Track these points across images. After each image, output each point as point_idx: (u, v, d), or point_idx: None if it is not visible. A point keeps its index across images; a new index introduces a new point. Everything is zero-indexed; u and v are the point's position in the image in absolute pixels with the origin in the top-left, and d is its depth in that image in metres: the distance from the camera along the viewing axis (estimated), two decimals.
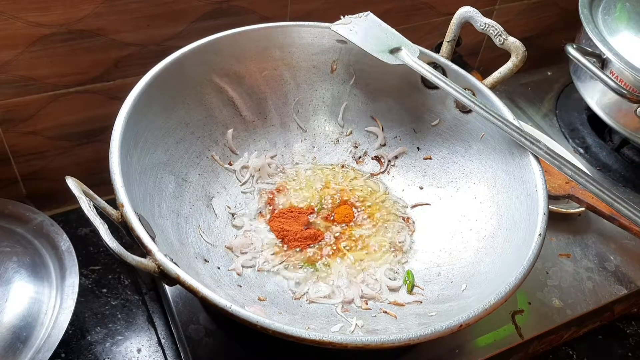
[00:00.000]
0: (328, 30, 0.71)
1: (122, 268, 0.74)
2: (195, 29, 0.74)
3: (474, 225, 0.66)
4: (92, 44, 0.69)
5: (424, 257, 0.66)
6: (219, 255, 0.63)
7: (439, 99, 0.71)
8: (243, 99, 0.72)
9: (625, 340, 0.77)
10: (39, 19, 0.64)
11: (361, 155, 0.76)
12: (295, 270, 0.64)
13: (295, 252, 0.65)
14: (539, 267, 0.74)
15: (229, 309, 0.44)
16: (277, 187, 0.72)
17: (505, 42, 0.66)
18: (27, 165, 0.76)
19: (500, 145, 0.66)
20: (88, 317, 0.69)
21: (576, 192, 0.76)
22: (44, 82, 0.69)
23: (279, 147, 0.75)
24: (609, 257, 0.77)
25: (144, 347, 0.67)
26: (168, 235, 0.58)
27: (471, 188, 0.68)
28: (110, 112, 0.57)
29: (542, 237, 0.54)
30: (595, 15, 0.85)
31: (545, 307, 0.70)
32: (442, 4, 0.91)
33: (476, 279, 0.59)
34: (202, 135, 0.69)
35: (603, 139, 0.93)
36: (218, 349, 0.61)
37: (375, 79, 0.74)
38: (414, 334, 0.46)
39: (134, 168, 0.57)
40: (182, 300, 0.64)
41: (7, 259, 0.65)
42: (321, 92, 0.76)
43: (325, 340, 0.44)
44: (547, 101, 1.00)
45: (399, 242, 0.67)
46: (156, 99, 0.62)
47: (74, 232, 0.77)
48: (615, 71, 0.79)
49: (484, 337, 0.66)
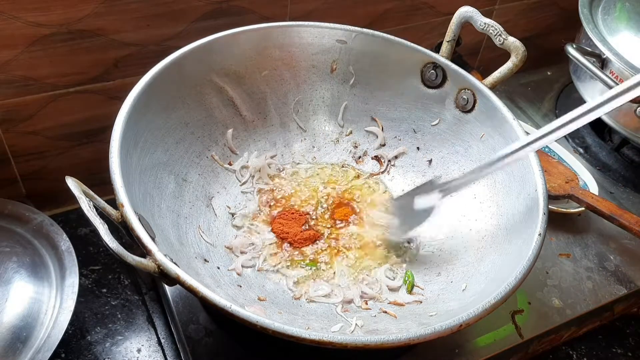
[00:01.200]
0: (328, 30, 0.71)
1: (122, 268, 0.74)
2: (195, 29, 0.74)
3: (474, 225, 0.66)
4: (92, 44, 0.69)
5: (424, 257, 0.66)
6: (219, 255, 0.63)
7: (439, 99, 0.71)
8: (243, 99, 0.72)
9: (625, 340, 0.77)
10: (39, 19, 0.64)
11: (361, 155, 0.76)
12: (294, 269, 0.64)
13: (295, 251, 0.65)
14: (539, 267, 0.74)
15: (229, 309, 0.44)
16: (277, 187, 0.72)
17: (505, 42, 0.66)
18: (27, 165, 0.76)
19: (500, 145, 0.66)
20: (88, 317, 0.69)
21: (576, 192, 0.76)
22: (44, 82, 0.69)
23: (278, 147, 0.75)
24: (608, 257, 0.77)
25: (143, 347, 0.67)
26: (168, 235, 0.58)
27: (471, 188, 0.68)
28: (110, 112, 0.57)
29: (542, 237, 0.54)
30: (595, 15, 0.85)
31: (545, 307, 0.70)
32: (442, 4, 0.91)
33: (476, 279, 0.59)
34: (202, 135, 0.69)
35: (603, 138, 0.93)
36: (218, 349, 0.61)
37: (375, 78, 0.74)
38: (414, 334, 0.46)
39: (134, 168, 0.57)
40: (182, 300, 0.64)
41: (6, 259, 0.64)
42: (321, 92, 0.76)
43: (325, 340, 0.44)
44: (547, 101, 1.00)
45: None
46: (156, 99, 0.62)
47: (74, 232, 0.77)
48: (615, 71, 0.79)
49: (484, 337, 0.66)
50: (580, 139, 0.93)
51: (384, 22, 0.88)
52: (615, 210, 0.73)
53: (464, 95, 0.69)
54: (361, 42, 0.72)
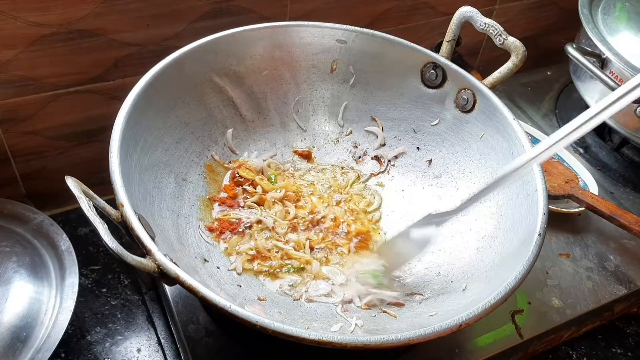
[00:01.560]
0: (328, 30, 0.71)
1: (121, 268, 0.74)
2: (195, 29, 0.74)
3: (473, 225, 0.66)
4: (92, 44, 0.69)
5: (424, 257, 0.66)
6: (219, 255, 0.63)
7: (438, 99, 0.71)
8: (243, 99, 0.72)
9: (625, 340, 0.77)
10: (39, 19, 0.64)
11: (361, 155, 0.76)
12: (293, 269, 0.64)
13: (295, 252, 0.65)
14: (539, 266, 0.74)
15: (229, 309, 0.44)
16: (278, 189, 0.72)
17: (505, 41, 0.66)
18: (26, 165, 0.76)
19: (500, 145, 0.66)
20: (88, 317, 0.69)
21: (576, 192, 0.76)
22: (44, 82, 0.69)
23: (278, 147, 0.75)
24: (608, 257, 0.77)
25: (143, 347, 0.67)
26: (168, 235, 0.58)
27: (471, 188, 0.68)
28: (110, 112, 0.57)
29: (541, 237, 0.54)
30: (595, 15, 0.85)
31: (545, 307, 0.70)
32: (442, 4, 0.91)
33: (476, 279, 0.59)
34: (202, 135, 0.69)
35: (603, 138, 0.93)
36: (218, 349, 0.61)
37: (375, 78, 0.74)
38: (414, 334, 0.46)
39: (134, 168, 0.57)
40: (182, 300, 0.64)
41: (6, 259, 0.64)
42: (321, 92, 0.76)
43: (325, 340, 0.44)
44: (547, 101, 1.00)
45: None
46: (156, 99, 0.62)
47: (73, 232, 0.77)
48: (615, 71, 0.79)
49: (484, 337, 0.66)
50: (580, 139, 0.93)
51: (384, 22, 0.88)
52: (615, 210, 0.73)
53: (464, 95, 0.69)
54: (361, 42, 0.72)
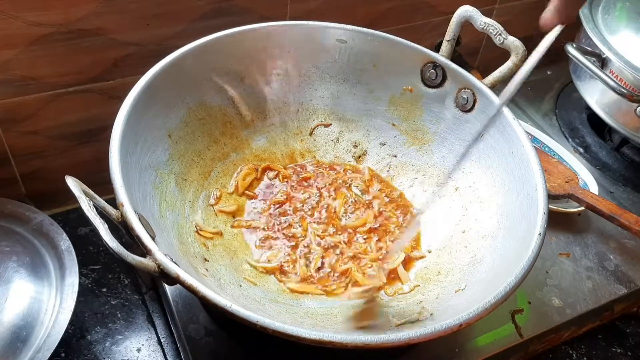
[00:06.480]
0: (328, 29, 0.71)
1: (122, 267, 0.74)
2: (195, 29, 0.74)
3: (473, 225, 0.66)
4: (92, 43, 0.69)
5: (424, 257, 0.66)
6: (219, 254, 0.63)
7: (438, 99, 0.71)
8: (243, 99, 0.72)
9: (625, 339, 0.77)
10: (38, 19, 0.64)
11: (361, 154, 0.76)
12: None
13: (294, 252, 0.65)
14: (539, 266, 0.74)
15: (229, 309, 0.44)
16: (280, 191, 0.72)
17: (505, 41, 0.66)
18: (26, 165, 0.76)
19: (500, 145, 0.66)
20: (88, 317, 0.69)
21: (576, 191, 0.76)
22: (44, 81, 0.69)
23: (278, 147, 0.75)
24: (608, 257, 0.77)
25: (143, 346, 0.67)
26: (168, 235, 0.58)
27: (471, 188, 0.68)
28: (110, 111, 0.57)
29: (541, 237, 0.54)
30: (595, 14, 0.85)
31: (545, 307, 0.70)
32: (442, 3, 0.91)
33: (476, 279, 0.59)
34: (202, 135, 0.69)
35: (603, 138, 0.93)
36: (218, 348, 0.61)
37: (375, 78, 0.74)
38: (414, 333, 0.46)
39: (134, 168, 0.57)
40: (182, 300, 0.64)
41: (6, 259, 0.64)
42: (321, 92, 0.76)
43: (325, 340, 0.44)
44: (547, 100, 1.00)
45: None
46: (156, 99, 0.62)
47: (73, 232, 0.76)
48: (615, 70, 0.79)
49: (484, 337, 0.66)
50: (580, 139, 0.93)
51: (384, 22, 0.88)
52: (615, 210, 0.73)
53: (463, 95, 0.69)
54: (361, 41, 0.72)
